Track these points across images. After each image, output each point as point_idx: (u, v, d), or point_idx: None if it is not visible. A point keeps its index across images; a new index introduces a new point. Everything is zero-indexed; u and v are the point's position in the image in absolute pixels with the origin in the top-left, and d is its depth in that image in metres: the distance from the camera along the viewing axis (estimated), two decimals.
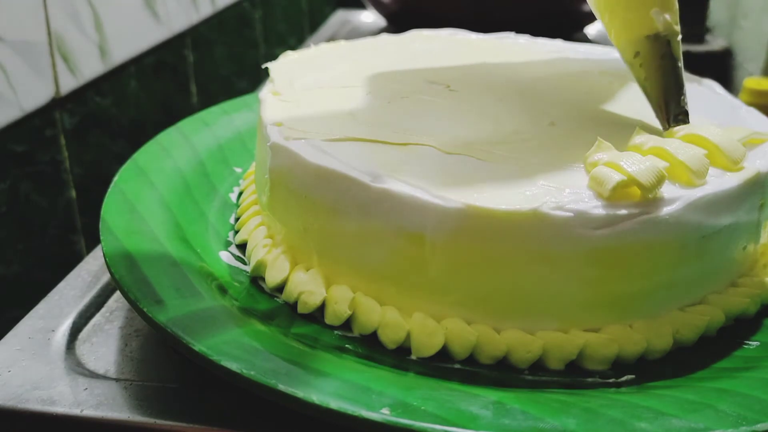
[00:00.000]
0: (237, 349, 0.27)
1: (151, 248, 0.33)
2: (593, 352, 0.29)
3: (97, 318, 0.34)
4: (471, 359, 0.29)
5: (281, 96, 0.38)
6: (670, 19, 0.33)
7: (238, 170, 0.44)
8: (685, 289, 0.31)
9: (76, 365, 0.31)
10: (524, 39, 0.50)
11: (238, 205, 0.40)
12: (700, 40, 1.24)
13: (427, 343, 0.29)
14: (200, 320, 0.28)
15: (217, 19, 0.76)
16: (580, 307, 0.29)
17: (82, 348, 0.32)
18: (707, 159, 0.30)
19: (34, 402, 0.29)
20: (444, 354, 0.29)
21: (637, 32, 0.33)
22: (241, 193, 0.42)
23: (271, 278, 0.33)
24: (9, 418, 0.28)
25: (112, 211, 0.35)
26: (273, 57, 0.44)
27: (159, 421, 0.28)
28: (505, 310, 0.29)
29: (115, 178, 0.38)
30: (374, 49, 0.46)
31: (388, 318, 0.30)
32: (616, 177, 0.28)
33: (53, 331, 0.33)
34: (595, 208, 0.27)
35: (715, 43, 1.25)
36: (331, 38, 0.91)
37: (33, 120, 0.47)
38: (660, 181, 0.28)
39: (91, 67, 0.52)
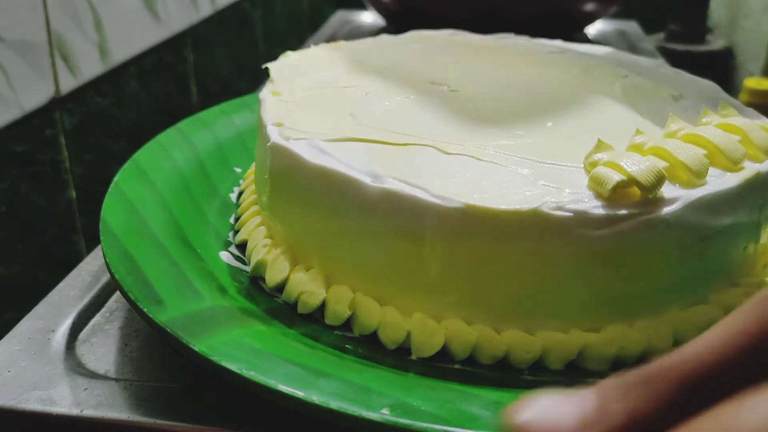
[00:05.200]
0: (237, 349, 0.27)
1: (151, 248, 0.33)
2: (593, 352, 0.29)
3: (97, 318, 0.34)
4: (471, 359, 0.29)
5: (281, 96, 0.38)
6: None
7: (238, 170, 0.44)
8: (686, 289, 0.31)
9: (76, 365, 0.31)
10: (524, 39, 0.50)
11: (238, 205, 0.40)
12: (701, 40, 1.24)
13: (427, 343, 0.29)
14: (200, 320, 0.28)
15: (217, 19, 0.76)
16: (580, 308, 0.29)
17: (82, 348, 0.32)
18: (707, 159, 0.30)
19: (34, 402, 0.29)
20: (444, 354, 0.29)
21: None
22: (241, 193, 0.42)
23: (271, 278, 0.33)
24: (9, 418, 0.28)
25: (112, 211, 0.35)
26: (273, 57, 0.44)
27: (159, 421, 0.28)
28: (505, 311, 0.29)
29: (115, 178, 0.38)
30: (374, 50, 0.46)
31: (388, 318, 0.30)
32: (616, 177, 0.28)
33: (53, 331, 0.33)
34: (595, 208, 0.27)
35: (715, 43, 1.25)
36: (331, 38, 0.91)
37: (33, 120, 0.47)
38: (660, 181, 0.28)
39: (91, 67, 0.52)
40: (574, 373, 0.29)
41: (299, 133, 0.33)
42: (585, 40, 0.85)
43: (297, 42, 1.06)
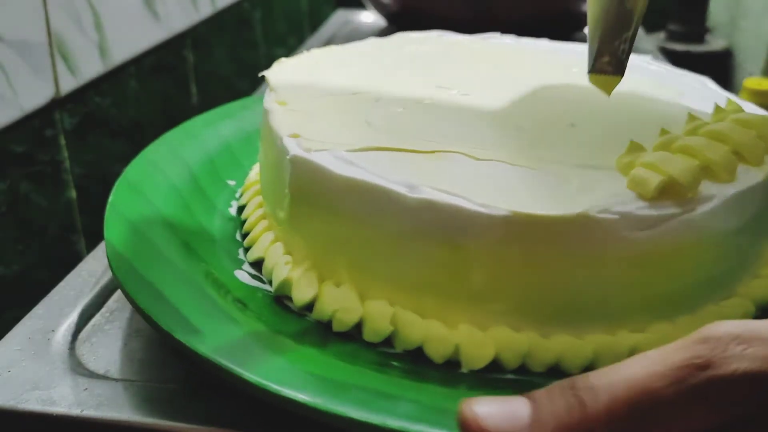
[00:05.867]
0: (293, 376, 0.25)
1: (171, 275, 0.31)
2: (642, 352, 0.29)
3: (97, 318, 0.34)
4: (521, 368, 0.28)
5: (288, 105, 0.36)
6: None
7: (232, 183, 0.42)
8: (719, 283, 0.31)
9: (76, 365, 0.31)
10: (510, 39, 0.49)
11: (239, 220, 0.39)
12: (700, 40, 1.24)
13: (477, 355, 0.28)
14: (242, 347, 0.27)
15: (217, 20, 0.76)
16: (625, 309, 0.29)
17: (82, 348, 0.32)
18: (734, 155, 0.30)
19: (34, 402, 0.29)
20: (493, 364, 0.28)
21: None
22: (241, 208, 0.40)
23: (300, 297, 0.31)
24: (9, 418, 0.28)
25: (117, 236, 0.33)
26: (273, 57, 0.44)
27: (159, 422, 0.28)
28: (553, 316, 0.29)
29: (110, 200, 0.36)
30: (368, 55, 0.45)
31: (433, 332, 0.29)
32: (658, 177, 0.28)
33: (53, 331, 0.33)
34: (639, 209, 0.27)
35: (715, 43, 1.25)
36: (331, 38, 0.91)
37: (33, 120, 0.47)
38: (697, 179, 0.28)
39: (91, 67, 0.52)
40: None
41: (319, 144, 0.31)
42: (585, 40, 0.85)
43: (297, 42, 1.06)
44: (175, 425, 0.27)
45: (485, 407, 0.20)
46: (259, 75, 0.41)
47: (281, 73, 0.41)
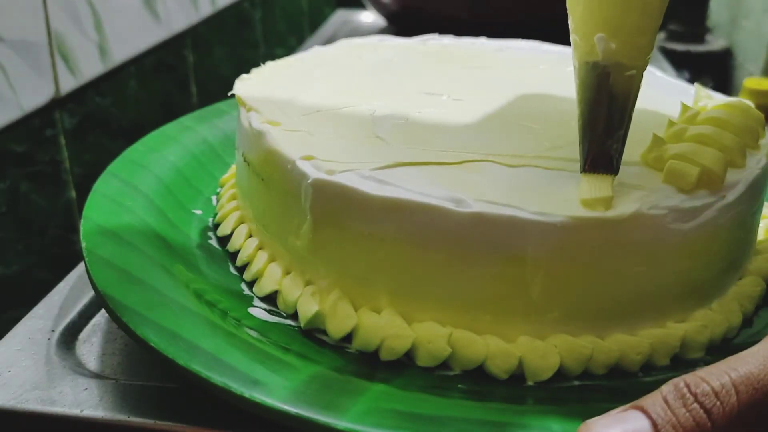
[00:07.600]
0: (383, 417, 0.24)
1: (194, 324, 0.28)
2: (691, 341, 0.29)
3: (97, 318, 0.34)
4: (581, 372, 0.28)
5: (283, 126, 0.33)
6: (615, 48, 0.27)
7: (198, 213, 0.39)
8: (738, 264, 0.33)
9: (76, 365, 0.31)
10: (448, 39, 0.48)
11: (227, 252, 0.36)
12: (701, 40, 1.24)
13: (542, 366, 0.27)
14: (314, 394, 0.25)
15: (217, 19, 0.76)
16: (671, 300, 0.30)
17: (82, 348, 0.32)
18: (741, 140, 0.31)
19: (34, 402, 0.29)
20: (555, 373, 0.28)
21: (578, 56, 0.29)
22: (224, 238, 0.36)
23: (338, 328, 0.29)
24: (9, 418, 0.28)
25: (111, 286, 0.29)
26: (273, 57, 0.44)
27: (159, 422, 0.28)
28: (608, 317, 0.28)
29: (85, 245, 0.32)
30: (328, 64, 0.42)
31: (494, 348, 0.28)
32: (695, 169, 0.28)
33: (53, 331, 0.33)
34: (683, 202, 0.28)
35: (715, 43, 1.25)
36: (331, 38, 0.91)
37: (33, 120, 0.47)
38: (726, 167, 0.29)
39: (91, 67, 0.52)
40: (680, 366, 0.29)
41: (339, 164, 0.29)
42: None
43: (297, 42, 1.06)
44: (174, 425, 0.27)
45: (605, 430, 0.20)
46: (228, 94, 0.38)
47: (249, 89, 0.37)
